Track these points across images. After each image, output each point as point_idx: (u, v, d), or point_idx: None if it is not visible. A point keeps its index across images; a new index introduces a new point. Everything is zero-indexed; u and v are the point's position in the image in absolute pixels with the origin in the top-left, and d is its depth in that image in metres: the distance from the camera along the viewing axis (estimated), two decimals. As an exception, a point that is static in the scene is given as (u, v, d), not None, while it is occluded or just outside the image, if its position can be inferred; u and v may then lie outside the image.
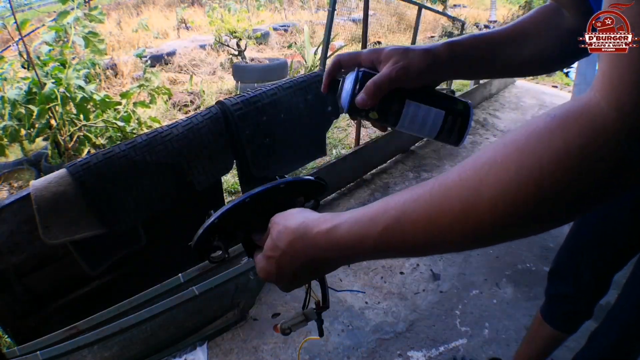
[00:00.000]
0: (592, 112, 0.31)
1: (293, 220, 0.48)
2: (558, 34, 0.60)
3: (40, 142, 3.07)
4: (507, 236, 0.36)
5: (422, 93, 0.56)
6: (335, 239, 0.43)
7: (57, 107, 2.46)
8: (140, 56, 3.41)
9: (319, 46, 5.27)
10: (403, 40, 7.39)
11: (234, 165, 1.72)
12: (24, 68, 2.76)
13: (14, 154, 3.21)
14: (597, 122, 0.31)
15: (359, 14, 7.76)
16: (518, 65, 0.62)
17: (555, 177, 0.31)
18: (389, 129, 0.61)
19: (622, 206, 0.96)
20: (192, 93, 4.66)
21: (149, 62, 3.68)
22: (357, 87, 0.55)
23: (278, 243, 0.48)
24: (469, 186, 0.35)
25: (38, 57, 2.68)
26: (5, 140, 2.56)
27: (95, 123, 2.66)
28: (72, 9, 2.65)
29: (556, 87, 5.10)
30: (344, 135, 3.56)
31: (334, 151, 3.22)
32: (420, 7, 3.43)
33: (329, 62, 0.60)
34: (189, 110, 4.35)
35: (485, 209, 0.34)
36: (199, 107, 4.41)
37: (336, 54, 0.56)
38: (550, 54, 0.61)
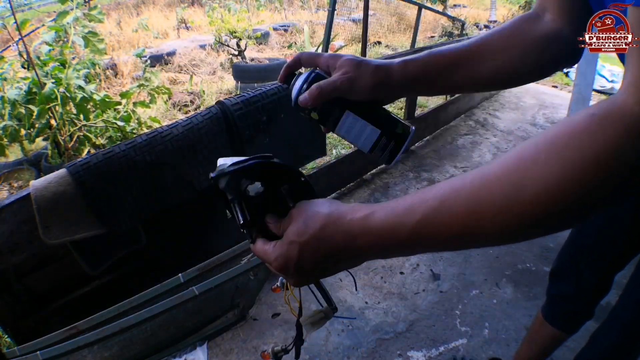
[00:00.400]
0: (627, 114, 0.33)
1: (324, 207, 0.46)
2: (530, 44, 0.59)
3: (40, 142, 3.06)
4: (543, 230, 0.37)
5: (365, 107, 0.57)
6: (370, 226, 0.42)
7: (57, 107, 2.46)
8: (140, 56, 3.41)
9: (319, 46, 5.27)
10: (403, 40, 7.39)
11: (234, 165, 1.71)
12: (24, 68, 2.76)
13: (14, 154, 3.21)
14: (631, 124, 0.32)
15: (359, 14, 7.76)
16: (477, 81, 0.61)
17: (596, 174, 0.33)
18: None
19: (624, 206, 0.96)
20: (192, 93, 4.66)
21: (148, 62, 3.68)
22: (306, 86, 0.58)
23: (307, 228, 0.44)
24: (511, 181, 0.36)
25: (38, 57, 2.68)
26: (5, 140, 2.56)
27: (95, 123, 2.66)
28: (72, 9, 2.65)
29: (556, 87, 5.11)
30: (344, 135, 3.55)
31: (334, 151, 3.22)
32: (420, 7, 3.43)
33: (292, 57, 0.63)
34: (189, 110, 4.35)
35: (527, 203, 0.35)
36: (199, 107, 4.41)
37: (300, 52, 0.58)
38: (518, 68, 0.60)
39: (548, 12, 0.60)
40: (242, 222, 0.48)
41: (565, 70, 5.51)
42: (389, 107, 0.63)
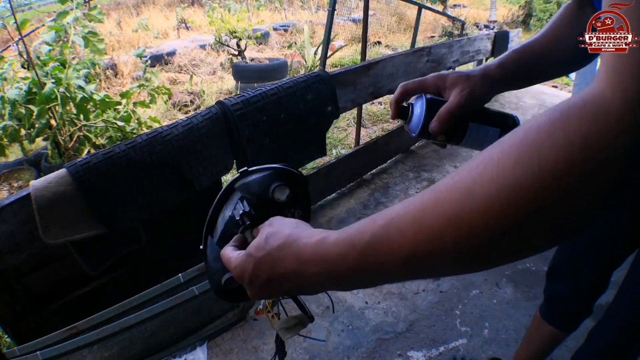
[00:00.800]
0: (595, 102, 0.29)
1: (289, 227, 0.44)
2: (578, 31, 0.64)
3: (40, 142, 3.07)
4: (504, 247, 0.32)
5: (480, 114, 0.63)
6: (322, 251, 0.39)
7: (57, 107, 2.46)
8: (140, 56, 3.41)
9: (319, 46, 5.27)
10: (403, 40, 7.39)
11: (234, 165, 1.72)
12: (24, 68, 2.76)
13: (14, 154, 3.21)
14: (600, 111, 0.28)
15: (359, 14, 7.76)
16: (557, 68, 0.68)
17: (557, 170, 0.28)
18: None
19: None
20: (192, 93, 4.66)
21: (149, 62, 3.68)
22: (426, 112, 0.61)
23: (266, 244, 0.43)
24: (461, 187, 0.32)
25: (38, 57, 2.68)
26: (5, 140, 2.56)
27: (95, 123, 2.66)
28: (72, 9, 2.65)
29: (556, 87, 5.11)
30: (344, 135, 3.56)
31: (334, 151, 3.22)
32: (420, 7, 3.43)
33: (396, 91, 0.66)
34: (189, 110, 4.35)
35: (478, 210, 0.31)
36: (199, 107, 4.41)
37: (402, 83, 0.59)
38: (575, 53, 0.66)
39: (587, 4, 0.65)
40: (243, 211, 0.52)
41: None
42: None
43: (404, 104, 0.66)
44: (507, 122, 0.63)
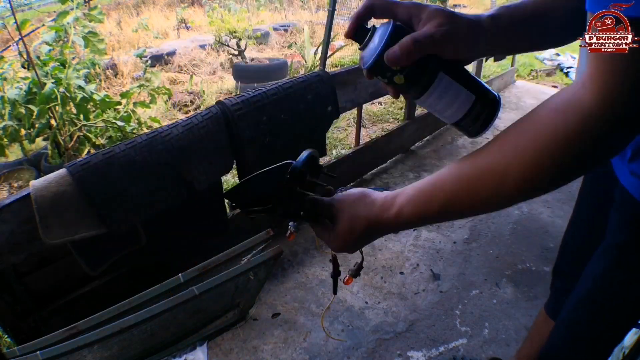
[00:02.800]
0: (579, 103, 0.40)
1: (361, 208, 0.58)
2: None
3: (40, 142, 3.06)
4: (525, 198, 0.47)
5: (456, 69, 0.50)
6: (401, 221, 0.55)
7: (57, 107, 2.46)
8: (140, 56, 3.41)
9: (319, 46, 5.27)
10: (403, 40, 7.38)
11: (234, 165, 1.72)
12: (24, 68, 2.76)
13: (14, 154, 3.20)
14: (583, 111, 0.40)
15: (359, 14, 7.73)
16: (553, 31, 0.57)
17: (561, 155, 0.42)
18: (404, 98, 0.61)
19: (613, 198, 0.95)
20: (192, 93, 4.66)
21: (149, 62, 3.67)
22: (389, 39, 0.47)
23: (353, 230, 0.59)
24: (499, 170, 0.46)
25: (38, 57, 2.67)
26: (5, 140, 2.56)
27: (95, 123, 2.66)
28: (72, 9, 2.65)
29: (556, 87, 5.10)
30: (344, 135, 3.55)
31: (334, 151, 3.22)
32: (420, 7, 3.42)
33: (361, 4, 0.52)
34: (189, 110, 4.35)
35: (511, 184, 0.46)
36: (199, 107, 4.41)
37: None
38: (574, 15, 0.57)
39: None
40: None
41: (565, 70, 5.51)
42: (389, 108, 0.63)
43: (367, 26, 0.51)
44: (487, 95, 0.51)
